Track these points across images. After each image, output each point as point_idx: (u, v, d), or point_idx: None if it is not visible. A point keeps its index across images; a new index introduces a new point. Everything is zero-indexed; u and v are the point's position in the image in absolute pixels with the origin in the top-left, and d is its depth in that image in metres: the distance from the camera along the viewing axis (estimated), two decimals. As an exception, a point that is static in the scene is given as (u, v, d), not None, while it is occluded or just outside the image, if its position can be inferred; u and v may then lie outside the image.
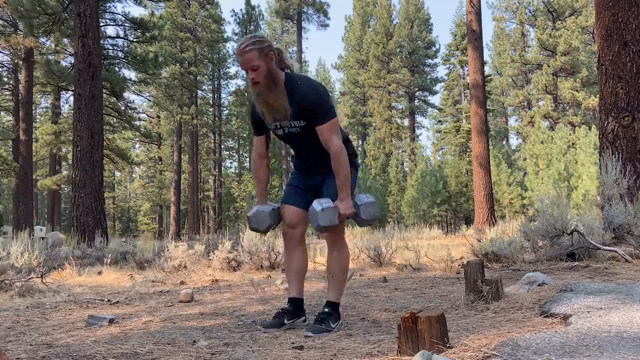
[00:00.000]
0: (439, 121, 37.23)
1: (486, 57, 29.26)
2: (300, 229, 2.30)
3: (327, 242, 2.25)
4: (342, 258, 2.23)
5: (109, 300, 3.43)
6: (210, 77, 34.63)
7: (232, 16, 48.64)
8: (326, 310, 2.16)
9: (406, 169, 33.20)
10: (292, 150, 2.32)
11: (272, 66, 2.03)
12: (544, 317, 1.99)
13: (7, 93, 21.72)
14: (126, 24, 14.33)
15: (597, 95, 5.64)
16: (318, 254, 5.73)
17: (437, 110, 37.97)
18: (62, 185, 24.50)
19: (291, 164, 2.44)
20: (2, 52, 19.26)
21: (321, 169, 2.20)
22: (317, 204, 2.08)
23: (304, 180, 2.29)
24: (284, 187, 2.41)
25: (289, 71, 2.12)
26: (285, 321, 2.21)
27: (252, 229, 2.27)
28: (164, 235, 26.58)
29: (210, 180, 37.90)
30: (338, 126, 2.12)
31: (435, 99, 43.40)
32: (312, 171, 2.26)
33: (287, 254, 2.34)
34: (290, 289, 2.32)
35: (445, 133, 33.69)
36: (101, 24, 12.42)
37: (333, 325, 2.10)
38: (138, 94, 23.68)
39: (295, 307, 2.26)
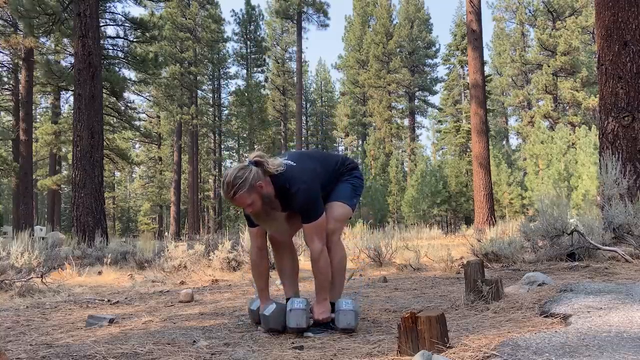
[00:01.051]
0: (439, 121, 37.24)
1: (486, 57, 29.31)
2: (288, 237, 2.33)
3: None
4: (339, 258, 2.22)
5: (109, 300, 3.43)
6: (210, 77, 34.64)
7: (232, 16, 48.70)
8: None
9: (406, 169, 33.21)
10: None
11: (264, 192, 2.01)
12: (544, 317, 1.99)
13: (7, 93, 21.72)
14: (126, 24, 14.33)
15: (597, 95, 5.64)
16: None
17: (437, 110, 37.98)
18: (62, 185, 24.50)
19: None
20: (2, 52, 19.27)
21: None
22: (290, 303, 2.06)
23: None
24: None
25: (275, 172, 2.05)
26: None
27: (269, 330, 2.12)
28: (164, 235, 26.57)
29: (210, 180, 37.91)
30: (323, 228, 2.09)
31: (435, 99, 43.45)
32: None
33: (277, 258, 2.35)
34: (286, 291, 2.34)
35: (445, 133, 33.69)
36: (101, 24, 12.42)
37: (332, 325, 2.11)
38: (138, 94, 23.68)
39: None
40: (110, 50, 15.35)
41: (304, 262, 5.97)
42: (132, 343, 1.93)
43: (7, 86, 21.07)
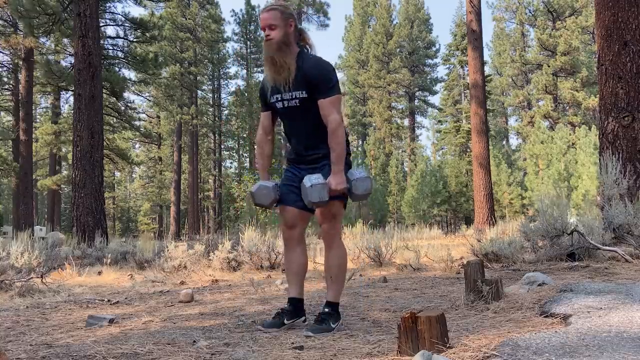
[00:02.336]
0: (439, 121, 37.24)
1: (486, 57, 29.27)
2: (299, 229, 2.30)
3: (324, 241, 2.24)
4: (339, 257, 2.22)
5: (109, 300, 3.43)
6: (210, 77, 34.65)
7: (232, 16, 48.69)
8: (326, 310, 2.16)
9: (406, 169, 33.21)
10: (287, 134, 2.30)
11: (289, 32, 2.11)
12: (544, 317, 1.99)
13: (7, 93, 21.72)
14: (126, 24, 14.33)
15: (597, 95, 5.64)
16: (318, 254, 5.73)
17: (437, 110, 37.98)
18: (62, 185, 24.51)
19: (286, 159, 2.44)
20: (2, 52, 19.27)
21: (315, 153, 2.20)
22: (307, 180, 2.07)
23: (298, 172, 2.25)
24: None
25: (306, 50, 2.19)
26: (285, 321, 2.21)
27: (256, 204, 2.25)
28: (164, 235, 26.60)
29: (210, 180, 37.91)
30: (340, 104, 2.15)
31: (435, 99, 43.40)
32: (305, 156, 2.23)
33: (287, 254, 2.34)
34: (290, 289, 2.32)
35: (445, 133, 33.70)
36: (101, 24, 12.42)
37: (333, 325, 2.10)
38: (138, 94, 23.69)
39: (295, 307, 2.26)
40: (110, 50, 15.35)
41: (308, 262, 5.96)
42: (132, 343, 1.93)
43: (7, 86, 21.07)
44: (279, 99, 2.18)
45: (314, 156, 2.21)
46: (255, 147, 2.50)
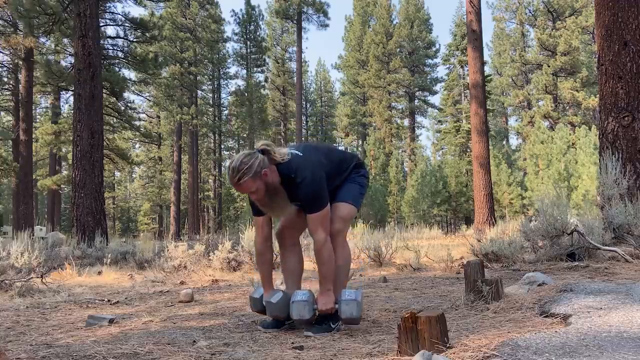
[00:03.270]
0: (439, 121, 37.24)
1: (486, 57, 29.26)
2: (297, 232, 2.32)
3: (331, 241, 2.25)
4: (343, 258, 2.22)
5: (109, 301, 3.43)
6: (210, 77, 34.63)
7: (232, 16, 48.76)
8: None
9: (406, 169, 33.20)
10: None
11: (268, 180, 2.03)
12: (544, 317, 1.99)
13: (7, 93, 21.71)
14: (126, 24, 14.32)
15: (597, 95, 5.63)
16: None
17: (437, 110, 37.99)
18: (62, 185, 24.49)
19: None
20: (2, 52, 19.26)
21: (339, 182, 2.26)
22: (293, 295, 2.08)
23: None
24: None
25: (280, 161, 2.08)
26: (286, 321, 2.21)
27: (273, 316, 2.17)
28: (164, 235, 26.59)
29: (210, 181, 37.91)
30: (327, 218, 2.10)
31: (435, 99, 43.50)
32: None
33: (282, 253, 2.35)
34: (287, 289, 2.33)
35: (445, 133, 33.69)
36: (101, 24, 12.42)
37: (333, 325, 2.10)
38: (138, 94, 23.69)
39: None
40: (110, 50, 15.34)
41: (306, 262, 5.97)
42: (132, 343, 1.93)
43: (7, 86, 21.07)
44: None
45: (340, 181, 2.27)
46: (255, 253, 2.41)
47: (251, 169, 1.98)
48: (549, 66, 29.13)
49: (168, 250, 5.67)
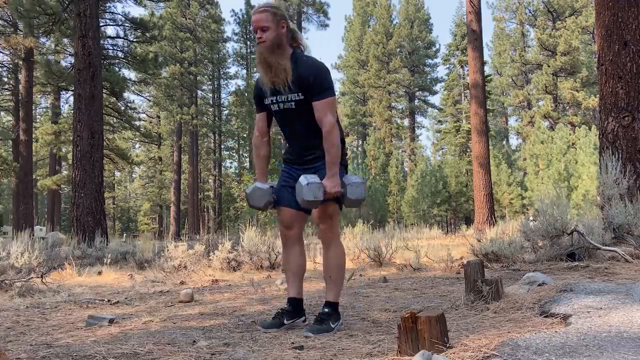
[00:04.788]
0: (439, 121, 37.23)
1: (486, 57, 29.24)
2: (297, 230, 2.30)
3: (322, 241, 2.23)
4: (338, 257, 2.20)
5: (109, 300, 3.43)
6: (210, 77, 34.63)
7: (232, 16, 48.72)
8: (325, 310, 2.16)
9: (406, 169, 33.20)
10: (285, 134, 2.32)
11: (281, 33, 2.09)
12: (544, 317, 1.98)
13: (7, 93, 21.71)
14: (126, 24, 14.32)
15: (597, 95, 5.63)
16: (318, 254, 5.74)
17: (437, 110, 37.99)
18: (62, 185, 24.48)
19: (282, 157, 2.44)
20: (2, 52, 19.26)
21: (312, 153, 2.19)
22: (303, 179, 2.07)
23: (295, 172, 2.24)
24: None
25: (299, 51, 2.17)
26: (285, 321, 2.21)
27: (251, 206, 2.26)
28: (164, 235, 26.60)
29: (210, 180, 37.91)
30: (335, 106, 2.14)
31: (435, 99, 43.48)
32: (302, 156, 2.23)
33: (285, 254, 2.34)
34: (289, 289, 2.32)
35: (445, 133, 33.69)
36: (101, 24, 12.41)
37: (333, 325, 2.10)
38: (138, 94, 23.71)
39: (295, 307, 2.26)
40: (110, 50, 15.34)
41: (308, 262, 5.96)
42: (132, 343, 1.93)
43: (7, 86, 21.07)
44: (274, 101, 2.17)
45: (310, 157, 2.20)
46: (253, 146, 2.48)
47: (278, 9, 2.08)
48: (549, 66, 29.14)
49: (168, 250, 5.67)
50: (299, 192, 2.07)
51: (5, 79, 21.02)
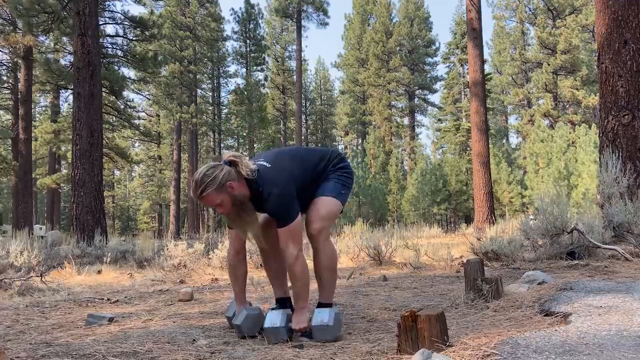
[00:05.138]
0: (439, 120, 37.23)
1: (486, 56, 29.27)
2: (276, 242, 2.26)
3: (311, 242, 2.19)
4: (327, 257, 2.15)
5: (108, 299, 3.43)
6: (210, 75, 34.59)
7: (231, 15, 48.60)
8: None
9: (406, 167, 33.21)
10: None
11: (235, 193, 1.95)
12: (544, 315, 1.98)
13: (7, 92, 21.69)
14: (125, 23, 14.30)
15: (597, 94, 5.63)
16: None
17: (437, 109, 37.98)
18: (61, 184, 24.49)
19: None
20: (1, 51, 19.24)
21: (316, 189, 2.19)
22: (267, 318, 1.99)
23: None
24: None
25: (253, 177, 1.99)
26: None
27: (246, 335, 2.06)
28: (164, 234, 26.59)
29: (210, 179, 37.84)
30: (297, 232, 2.00)
31: (435, 98, 43.48)
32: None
33: (263, 259, 2.32)
34: (274, 290, 2.31)
35: (445, 132, 33.70)
36: (100, 23, 12.40)
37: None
38: (137, 93, 23.67)
39: (283, 306, 2.25)
40: (109, 49, 15.32)
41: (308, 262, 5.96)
42: (132, 342, 1.93)
43: (6, 85, 21.03)
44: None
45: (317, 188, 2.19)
46: (227, 266, 2.27)
47: (215, 181, 1.89)
48: (549, 64, 29.11)
49: (168, 249, 5.67)
50: (264, 333, 1.99)
51: (5, 78, 20.98)
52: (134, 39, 14.96)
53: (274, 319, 1.98)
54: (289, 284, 2.26)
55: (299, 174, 2.08)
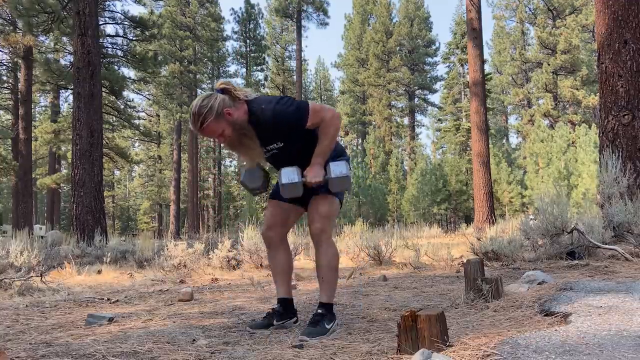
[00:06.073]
0: (439, 120, 37.23)
1: (486, 56, 29.27)
2: (283, 228, 2.29)
3: (313, 241, 2.19)
4: (329, 257, 2.15)
5: (108, 299, 3.43)
6: (210, 75, 34.58)
7: (231, 15, 48.66)
8: (319, 311, 2.12)
9: (406, 167, 33.21)
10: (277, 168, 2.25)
11: (234, 118, 1.95)
12: (544, 315, 1.98)
13: (7, 91, 21.69)
14: (125, 23, 14.30)
15: (597, 94, 5.63)
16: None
17: (437, 109, 37.98)
18: (61, 184, 24.49)
19: None
20: (1, 51, 19.24)
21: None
22: (281, 176, 2.00)
23: None
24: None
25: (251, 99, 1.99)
26: (275, 322, 2.19)
27: (251, 190, 2.20)
28: (164, 234, 26.59)
29: (209, 179, 37.91)
30: (317, 109, 1.97)
31: (435, 98, 43.47)
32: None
33: (270, 255, 2.32)
34: (277, 290, 2.30)
35: (445, 131, 33.70)
36: (100, 23, 12.40)
37: (328, 326, 2.06)
38: (137, 93, 23.68)
39: (285, 308, 2.24)
40: (109, 49, 15.32)
41: (303, 261, 5.96)
42: (132, 342, 1.93)
43: (6, 85, 21.03)
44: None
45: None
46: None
47: (212, 110, 1.89)
48: (549, 64, 29.11)
49: (168, 249, 5.67)
50: (278, 181, 2.03)
51: (5, 78, 20.98)
52: (134, 39, 14.96)
53: (290, 174, 1.99)
54: (294, 282, 2.26)
55: (301, 126, 2.04)
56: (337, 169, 2.01)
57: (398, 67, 35.48)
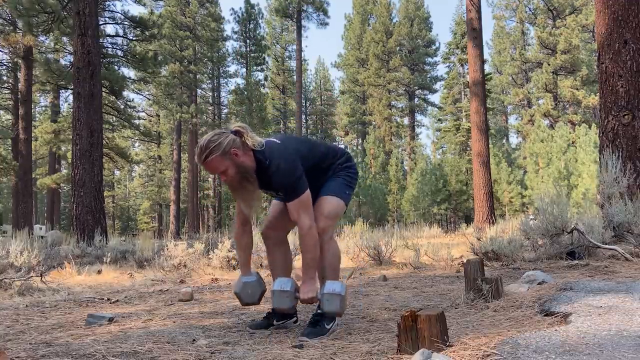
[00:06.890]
0: (439, 120, 37.22)
1: (486, 56, 29.27)
2: (282, 230, 2.30)
3: None
4: (330, 257, 2.16)
5: (108, 299, 3.43)
6: (210, 75, 34.59)
7: (231, 15, 48.63)
8: (319, 312, 2.12)
9: (406, 167, 33.20)
10: None
11: (239, 160, 1.95)
12: (544, 315, 1.98)
13: (7, 91, 21.69)
14: (125, 23, 14.30)
15: (597, 94, 5.63)
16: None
17: (437, 109, 37.97)
18: (61, 184, 24.49)
19: None
20: (1, 51, 19.24)
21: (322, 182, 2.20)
22: (274, 284, 2.03)
23: None
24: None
25: (259, 149, 2.00)
26: (275, 322, 2.19)
27: (245, 304, 2.17)
28: (164, 234, 26.58)
29: (209, 179, 37.89)
30: (307, 204, 2.00)
31: (435, 98, 43.45)
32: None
33: (270, 255, 2.32)
34: None
35: (445, 131, 33.68)
36: (100, 23, 12.39)
37: (327, 327, 2.06)
38: (137, 93, 23.69)
39: None
40: (109, 49, 15.32)
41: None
42: (132, 342, 1.93)
43: (6, 85, 21.03)
44: (266, 193, 2.16)
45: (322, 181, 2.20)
46: (234, 237, 2.31)
47: (220, 147, 1.89)
48: (549, 64, 29.11)
49: (168, 249, 5.67)
50: (272, 295, 2.03)
51: (5, 78, 20.98)
52: (134, 39, 14.96)
53: (283, 283, 1.99)
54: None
55: (307, 155, 2.09)
56: (332, 286, 1.98)
57: (398, 67, 35.48)
